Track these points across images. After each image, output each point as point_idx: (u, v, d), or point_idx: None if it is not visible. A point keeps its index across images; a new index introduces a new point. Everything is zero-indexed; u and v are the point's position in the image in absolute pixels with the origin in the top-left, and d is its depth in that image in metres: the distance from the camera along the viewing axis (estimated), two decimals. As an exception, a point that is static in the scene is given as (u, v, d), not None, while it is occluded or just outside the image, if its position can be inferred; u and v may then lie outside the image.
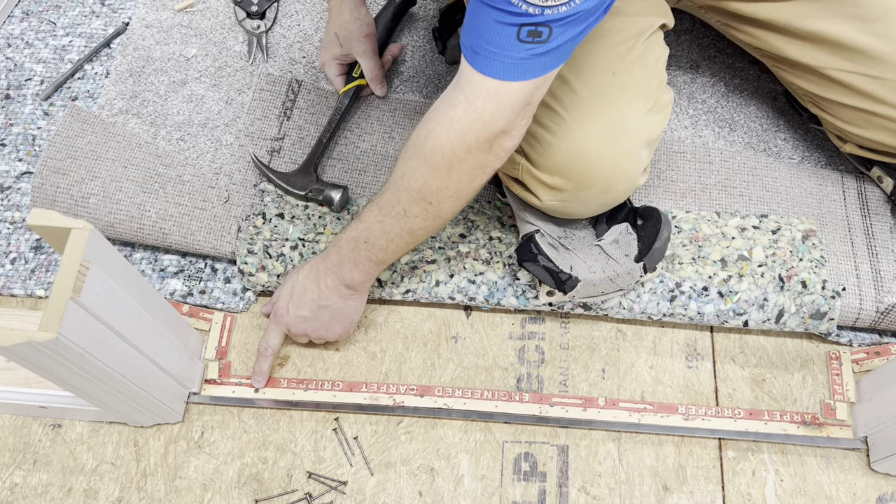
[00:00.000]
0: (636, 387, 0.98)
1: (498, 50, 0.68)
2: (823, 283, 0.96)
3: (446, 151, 0.74)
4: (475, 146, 0.74)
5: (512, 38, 0.66)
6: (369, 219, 0.85)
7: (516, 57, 0.68)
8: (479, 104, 0.71)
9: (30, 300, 1.04)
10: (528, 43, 0.67)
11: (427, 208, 0.80)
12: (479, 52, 0.69)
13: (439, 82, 1.19)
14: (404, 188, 0.80)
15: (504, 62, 0.68)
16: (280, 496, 0.92)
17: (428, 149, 0.75)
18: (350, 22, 1.10)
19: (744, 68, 1.18)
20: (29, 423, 0.96)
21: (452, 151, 0.74)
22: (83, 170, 1.01)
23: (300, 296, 0.92)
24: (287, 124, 1.13)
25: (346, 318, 0.94)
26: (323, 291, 0.90)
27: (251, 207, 1.05)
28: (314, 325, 0.93)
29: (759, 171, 1.08)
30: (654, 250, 0.92)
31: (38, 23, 1.27)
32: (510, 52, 0.67)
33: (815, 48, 0.93)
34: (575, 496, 0.92)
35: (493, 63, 0.69)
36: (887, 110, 0.92)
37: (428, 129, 0.75)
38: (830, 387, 0.98)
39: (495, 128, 0.72)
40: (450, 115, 0.73)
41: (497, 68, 0.69)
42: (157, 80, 1.18)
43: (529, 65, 0.69)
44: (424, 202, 0.80)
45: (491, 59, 0.69)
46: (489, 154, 0.75)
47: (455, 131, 0.73)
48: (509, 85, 0.70)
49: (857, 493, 0.92)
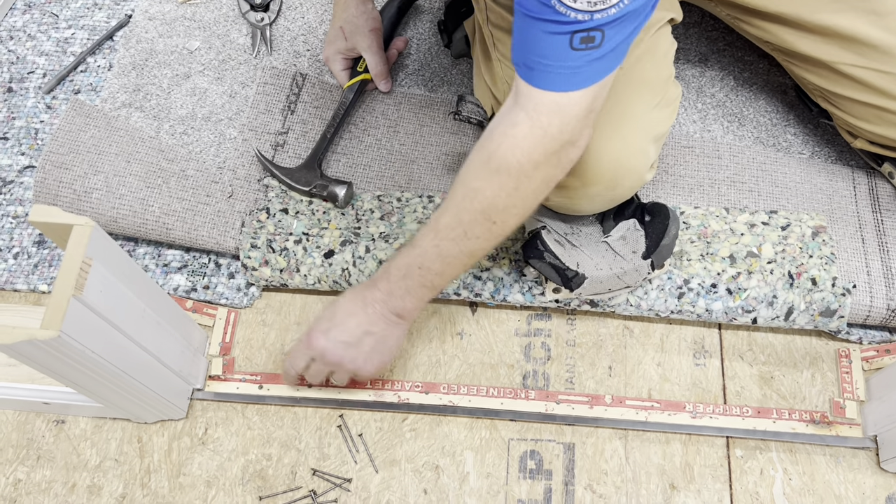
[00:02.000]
0: (643, 384, 0.97)
1: (552, 62, 0.66)
2: (833, 280, 0.95)
3: (513, 169, 0.72)
4: (543, 161, 0.72)
5: (565, 47, 0.65)
6: (424, 244, 0.81)
7: (572, 66, 0.66)
8: (544, 120, 0.70)
9: (33, 295, 1.03)
10: (582, 50, 0.65)
11: (491, 228, 0.77)
12: (534, 66, 0.67)
13: (444, 76, 1.17)
14: (466, 209, 0.77)
15: (561, 73, 0.67)
16: (284, 493, 0.91)
17: (493, 168, 0.73)
18: (356, 16, 1.09)
19: (753, 62, 1.17)
20: (32, 419, 0.95)
21: (520, 169, 0.72)
22: (86, 164, 1.01)
23: (344, 319, 0.86)
24: (291, 118, 1.12)
25: (387, 349, 0.88)
26: (370, 317, 0.85)
27: (255, 203, 1.04)
28: (353, 353, 0.86)
29: (768, 167, 1.07)
30: (661, 247, 0.91)
31: (40, 15, 1.26)
32: (565, 61, 0.66)
33: (826, 42, 0.92)
34: (581, 494, 0.91)
35: (549, 76, 0.67)
36: None
37: (491, 150, 0.73)
38: (840, 385, 0.97)
39: (562, 140, 0.71)
40: (513, 133, 0.71)
41: (555, 80, 0.67)
42: (160, 73, 1.17)
43: (586, 72, 0.67)
44: (489, 222, 0.77)
45: (547, 73, 0.67)
46: (556, 167, 0.74)
47: (522, 148, 0.71)
48: (570, 96, 0.68)
49: (867, 493, 0.91)
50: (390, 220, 1.03)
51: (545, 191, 0.76)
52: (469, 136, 1.11)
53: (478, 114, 0.95)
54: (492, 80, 0.94)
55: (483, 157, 0.74)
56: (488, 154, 0.73)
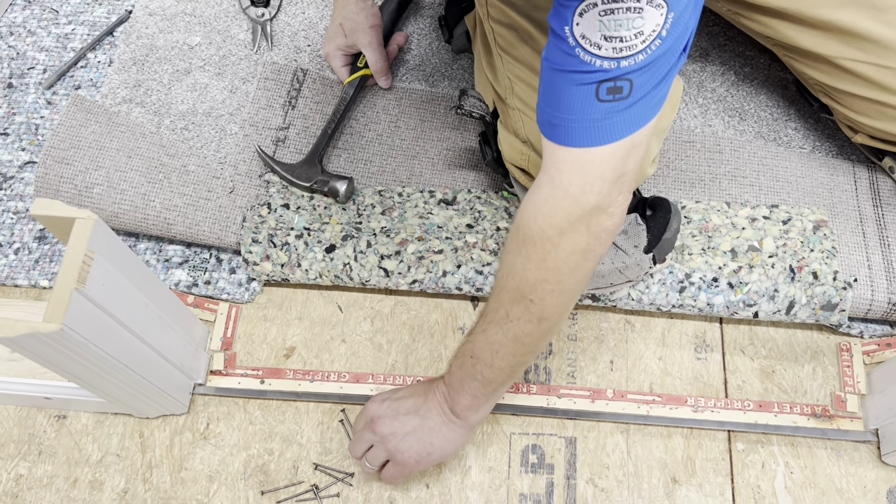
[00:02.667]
0: (645, 378, 0.98)
1: (576, 116, 0.62)
2: (835, 274, 0.95)
3: (537, 238, 0.68)
4: (567, 226, 0.66)
5: (591, 99, 0.61)
6: (475, 330, 0.76)
7: (596, 118, 0.62)
8: (565, 179, 0.65)
9: (34, 291, 1.03)
10: (609, 101, 0.61)
11: (529, 308, 0.71)
12: (557, 123, 0.64)
13: (445, 71, 1.17)
14: (503, 287, 0.72)
15: (584, 127, 0.62)
16: (286, 488, 0.91)
17: (521, 239, 0.69)
18: (356, 13, 1.09)
19: (754, 56, 1.17)
20: (34, 414, 0.95)
21: (544, 236, 0.67)
22: (87, 160, 1.00)
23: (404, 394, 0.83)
24: (292, 113, 1.12)
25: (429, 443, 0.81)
26: (427, 404, 0.81)
27: (256, 198, 1.04)
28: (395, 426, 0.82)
29: (769, 161, 1.07)
30: (663, 241, 0.91)
31: (40, 11, 1.25)
32: (590, 114, 0.61)
33: (826, 37, 0.92)
34: (583, 488, 0.91)
35: (572, 131, 0.63)
36: None
37: (518, 220, 0.70)
38: (841, 379, 0.97)
39: (586, 203, 0.65)
40: (534, 197, 0.67)
41: (577, 136, 0.63)
42: (160, 68, 1.17)
43: (613, 124, 0.62)
44: (525, 301, 0.71)
45: (569, 128, 0.63)
46: (587, 236, 0.67)
47: (543, 213, 0.67)
48: (595, 151, 0.63)
49: (868, 486, 0.91)
50: (391, 214, 1.03)
51: (582, 264, 0.69)
52: (470, 132, 1.11)
53: (480, 108, 0.95)
54: (493, 75, 0.94)
55: (514, 228, 0.70)
56: (517, 225, 0.70)
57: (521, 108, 0.88)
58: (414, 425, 0.81)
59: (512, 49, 0.88)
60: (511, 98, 0.89)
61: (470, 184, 1.07)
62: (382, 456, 0.83)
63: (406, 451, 0.81)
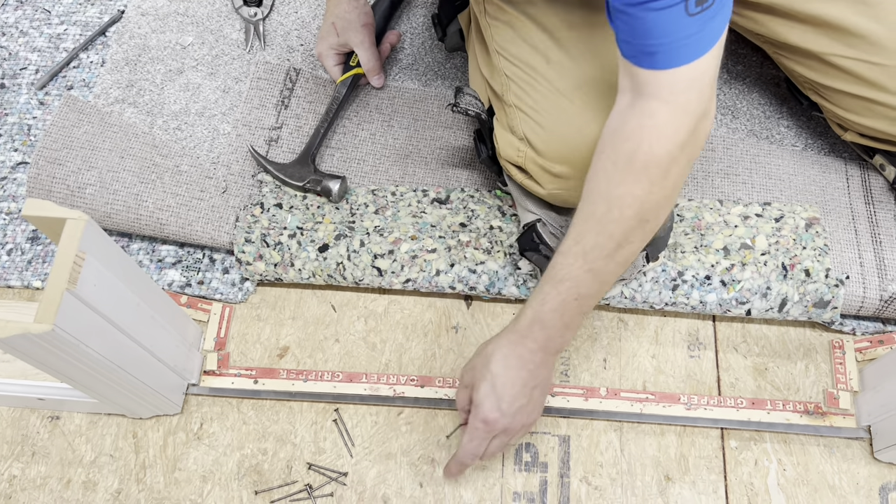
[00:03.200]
0: (638, 376, 0.98)
1: (673, 37, 0.65)
2: (827, 272, 0.96)
3: (663, 160, 0.70)
4: (688, 141, 0.70)
5: (681, 16, 0.64)
6: (574, 274, 0.76)
7: (693, 32, 0.65)
8: (683, 99, 0.68)
9: (27, 291, 1.03)
10: (699, 13, 0.64)
11: (645, 228, 0.75)
12: (655, 51, 0.66)
13: (438, 70, 1.17)
14: (614, 220, 0.73)
15: (684, 45, 0.66)
16: (280, 487, 0.91)
17: (640, 167, 0.71)
18: (348, 11, 1.09)
19: (746, 55, 1.17)
20: (27, 414, 0.95)
21: (669, 157, 0.70)
22: (79, 160, 1.00)
23: (509, 387, 0.79)
24: (285, 113, 1.12)
25: (548, 387, 0.84)
26: (532, 371, 0.80)
27: (249, 198, 1.04)
28: (530, 408, 0.82)
29: (761, 159, 1.07)
30: (656, 239, 0.91)
31: (32, 11, 1.25)
32: (687, 30, 0.65)
33: (816, 33, 0.92)
34: (576, 487, 0.91)
35: (674, 52, 0.66)
36: (888, 98, 0.90)
37: (629, 149, 0.71)
38: (833, 376, 0.97)
39: (699, 113, 0.70)
40: (652, 123, 0.69)
41: (681, 54, 0.66)
42: (153, 68, 1.17)
43: (706, 33, 0.66)
44: (643, 223, 0.74)
45: (670, 50, 0.66)
46: (696, 145, 0.72)
47: (667, 136, 0.70)
48: (699, 65, 0.67)
49: (860, 483, 0.91)
50: (385, 213, 1.03)
51: (689, 171, 0.75)
52: (464, 131, 1.11)
53: (475, 106, 0.95)
54: (490, 72, 0.93)
55: (620, 159, 0.71)
56: (626, 155, 0.71)
57: (518, 106, 0.88)
58: (538, 394, 0.82)
59: (509, 46, 0.88)
60: (508, 95, 0.89)
61: (463, 183, 1.07)
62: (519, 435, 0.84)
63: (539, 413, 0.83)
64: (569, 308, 0.78)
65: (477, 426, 0.80)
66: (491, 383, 0.79)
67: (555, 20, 0.85)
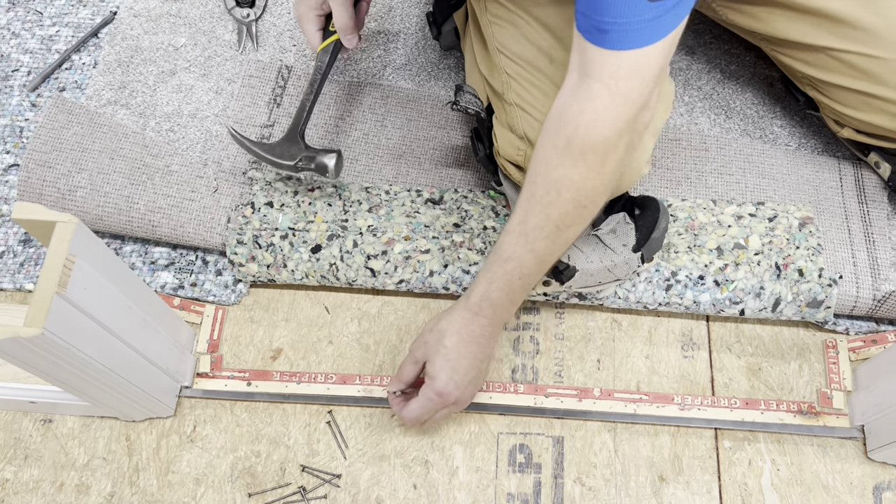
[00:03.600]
0: (632, 377, 0.98)
1: (628, 18, 0.64)
2: (820, 271, 0.96)
3: (600, 146, 0.71)
4: (625, 128, 0.70)
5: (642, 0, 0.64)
6: (517, 253, 0.79)
7: (648, 18, 0.64)
8: (623, 84, 0.68)
9: (19, 294, 1.03)
10: (659, 0, 0.64)
11: (582, 213, 0.76)
12: (608, 28, 0.65)
13: (432, 70, 1.17)
14: (553, 203, 0.75)
15: (637, 29, 0.65)
16: (274, 490, 0.91)
17: (577, 151, 0.71)
18: None
19: (740, 54, 1.17)
20: (19, 418, 0.95)
21: (607, 143, 0.70)
22: (69, 162, 1.00)
23: (462, 361, 0.83)
24: (277, 111, 1.12)
25: (492, 357, 0.89)
26: (482, 345, 0.84)
27: (240, 196, 1.03)
28: (479, 381, 0.87)
29: (755, 159, 1.07)
30: (651, 240, 0.91)
31: (24, 13, 1.25)
32: (641, 14, 0.64)
33: (816, 27, 0.92)
34: (570, 487, 0.91)
35: (625, 34, 0.65)
36: (887, 91, 0.91)
37: (569, 133, 0.71)
38: (827, 375, 0.97)
39: (640, 103, 0.69)
40: (590, 108, 0.69)
41: (632, 37, 0.65)
42: (145, 70, 1.16)
43: (663, 21, 0.65)
44: (580, 208, 0.75)
45: (623, 31, 0.65)
46: (633, 133, 0.72)
47: (604, 121, 0.69)
48: (648, 51, 0.66)
49: (854, 482, 0.91)
50: (378, 212, 1.03)
51: (626, 158, 0.74)
52: (457, 131, 1.11)
53: (475, 104, 0.95)
54: (489, 71, 0.93)
55: (560, 142, 0.72)
56: (566, 138, 0.71)
57: (519, 105, 0.88)
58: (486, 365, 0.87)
59: (511, 44, 0.88)
60: (509, 93, 0.88)
61: (457, 183, 1.07)
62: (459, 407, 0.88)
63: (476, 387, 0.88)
64: (514, 286, 0.81)
65: (431, 397, 0.84)
66: (445, 357, 0.83)
67: (558, 19, 0.85)
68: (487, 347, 0.85)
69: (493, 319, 0.83)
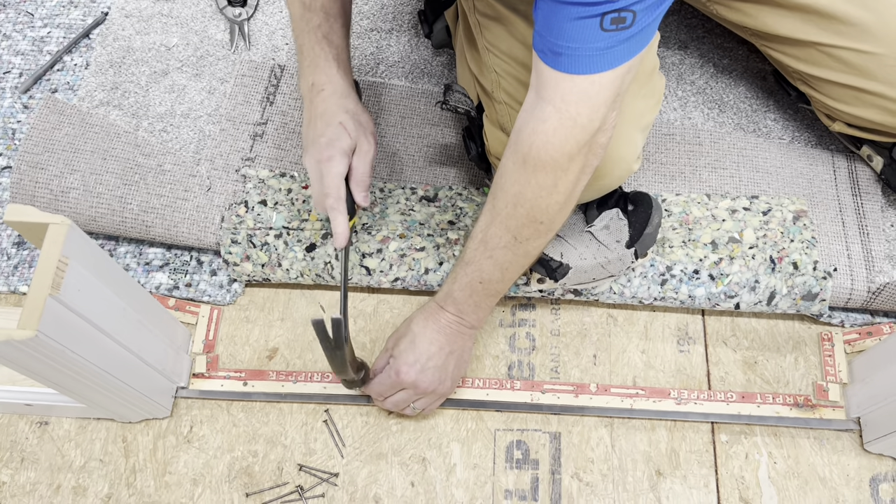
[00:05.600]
0: (628, 372, 0.98)
1: (580, 45, 0.65)
2: (815, 264, 0.96)
3: (548, 167, 0.72)
4: (576, 152, 0.71)
5: (595, 29, 0.63)
6: (477, 259, 0.81)
7: (601, 47, 0.65)
8: (573, 109, 0.69)
9: (13, 297, 1.03)
10: (612, 31, 0.64)
11: (538, 228, 0.77)
12: (561, 52, 0.66)
13: (424, 67, 1.17)
14: (510, 216, 0.77)
15: (589, 55, 0.65)
16: (271, 489, 0.91)
17: (530, 169, 0.73)
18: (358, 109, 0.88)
19: (733, 49, 1.17)
20: (15, 420, 0.94)
21: (555, 164, 0.72)
22: (62, 163, 1.00)
23: (427, 347, 0.86)
24: (270, 109, 1.11)
25: (465, 361, 0.91)
26: (449, 337, 0.87)
27: (234, 195, 1.03)
28: (442, 375, 0.88)
29: (749, 152, 1.07)
30: (645, 236, 0.91)
31: (15, 14, 1.24)
32: (594, 43, 0.65)
33: (806, 22, 0.92)
34: (568, 483, 0.91)
35: (577, 59, 0.66)
36: (877, 86, 0.91)
37: (524, 151, 0.72)
38: (823, 368, 0.97)
39: (591, 128, 0.70)
40: (542, 129, 0.70)
41: (583, 63, 0.66)
42: (137, 70, 1.16)
43: (615, 52, 0.66)
44: (535, 223, 0.77)
45: (575, 57, 0.66)
46: (589, 155, 0.73)
47: (553, 144, 0.70)
48: (599, 78, 0.67)
49: (851, 474, 0.91)
50: (373, 210, 1.02)
51: (584, 179, 0.76)
52: (451, 128, 1.11)
53: (465, 103, 0.95)
54: (478, 69, 0.93)
55: (517, 159, 0.73)
56: (522, 156, 0.73)
57: (508, 102, 0.88)
58: (453, 362, 0.88)
59: (499, 43, 0.88)
60: (498, 92, 0.88)
61: (451, 180, 1.07)
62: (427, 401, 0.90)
63: (452, 383, 0.90)
64: (475, 290, 0.83)
65: (390, 374, 0.87)
66: (410, 339, 0.87)
67: None
68: (455, 341, 0.87)
69: (458, 317, 0.86)
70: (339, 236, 0.84)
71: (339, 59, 0.88)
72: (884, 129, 0.97)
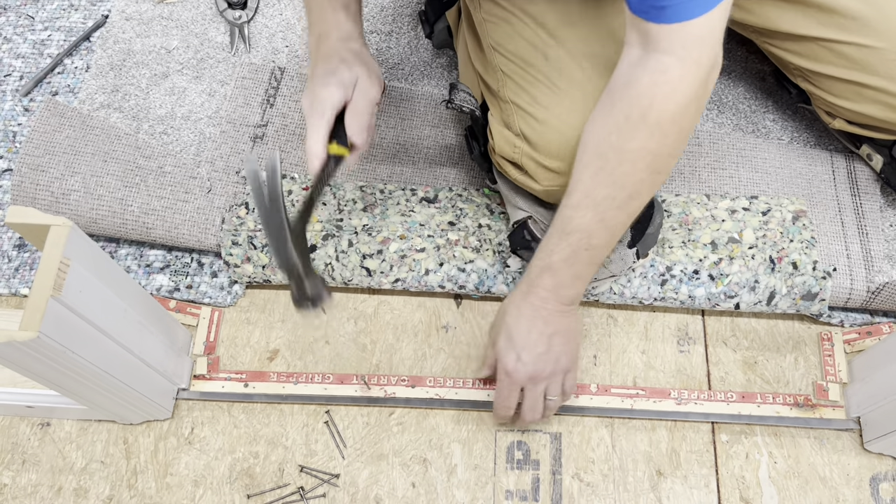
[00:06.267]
0: (628, 372, 0.98)
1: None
2: (814, 264, 0.96)
3: (677, 115, 0.72)
4: (701, 91, 0.72)
5: None
6: (584, 223, 0.78)
7: None
8: (695, 53, 0.69)
9: (14, 299, 1.03)
10: None
11: (656, 179, 0.76)
12: (665, 4, 0.67)
13: (425, 69, 1.17)
14: (627, 173, 0.75)
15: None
16: (272, 490, 0.91)
17: (654, 122, 0.72)
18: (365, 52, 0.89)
19: (732, 49, 1.17)
20: (16, 422, 0.95)
21: (684, 111, 0.72)
22: (62, 165, 1.00)
23: (524, 336, 0.83)
24: (270, 111, 1.12)
25: (574, 338, 0.87)
26: (546, 319, 0.83)
27: (234, 196, 1.03)
28: (552, 358, 0.84)
29: (748, 153, 1.08)
30: (646, 236, 0.91)
31: (15, 17, 1.25)
32: None
33: (807, 17, 0.92)
34: (569, 483, 0.91)
35: (685, 6, 0.67)
36: (878, 81, 0.91)
37: (644, 105, 0.71)
38: (822, 368, 0.97)
39: (710, 65, 0.71)
40: (665, 80, 0.70)
41: (692, 8, 0.66)
42: (138, 73, 1.16)
43: None
44: (654, 174, 0.76)
45: (681, 5, 0.67)
46: (706, 95, 0.73)
47: (681, 91, 0.70)
48: (708, 18, 0.67)
49: (851, 474, 0.91)
50: (373, 212, 1.03)
51: (699, 118, 0.76)
52: (451, 129, 1.11)
53: (470, 102, 0.95)
54: (484, 68, 0.93)
55: (635, 114, 0.72)
56: (642, 111, 0.72)
57: (515, 102, 0.88)
58: (560, 343, 0.84)
59: (506, 43, 0.88)
60: (505, 91, 0.89)
61: (451, 181, 1.07)
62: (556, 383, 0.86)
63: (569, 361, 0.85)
64: (580, 258, 0.79)
65: (502, 378, 0.85)
66: (507, 335, 0.84)
67: (552, 17, 0.85)
68: (554, 322, 0.83)
69: (554, 291, 0.81)
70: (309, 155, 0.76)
71: (348, 8, 0.87)
72: (884, 126, 0.97)
